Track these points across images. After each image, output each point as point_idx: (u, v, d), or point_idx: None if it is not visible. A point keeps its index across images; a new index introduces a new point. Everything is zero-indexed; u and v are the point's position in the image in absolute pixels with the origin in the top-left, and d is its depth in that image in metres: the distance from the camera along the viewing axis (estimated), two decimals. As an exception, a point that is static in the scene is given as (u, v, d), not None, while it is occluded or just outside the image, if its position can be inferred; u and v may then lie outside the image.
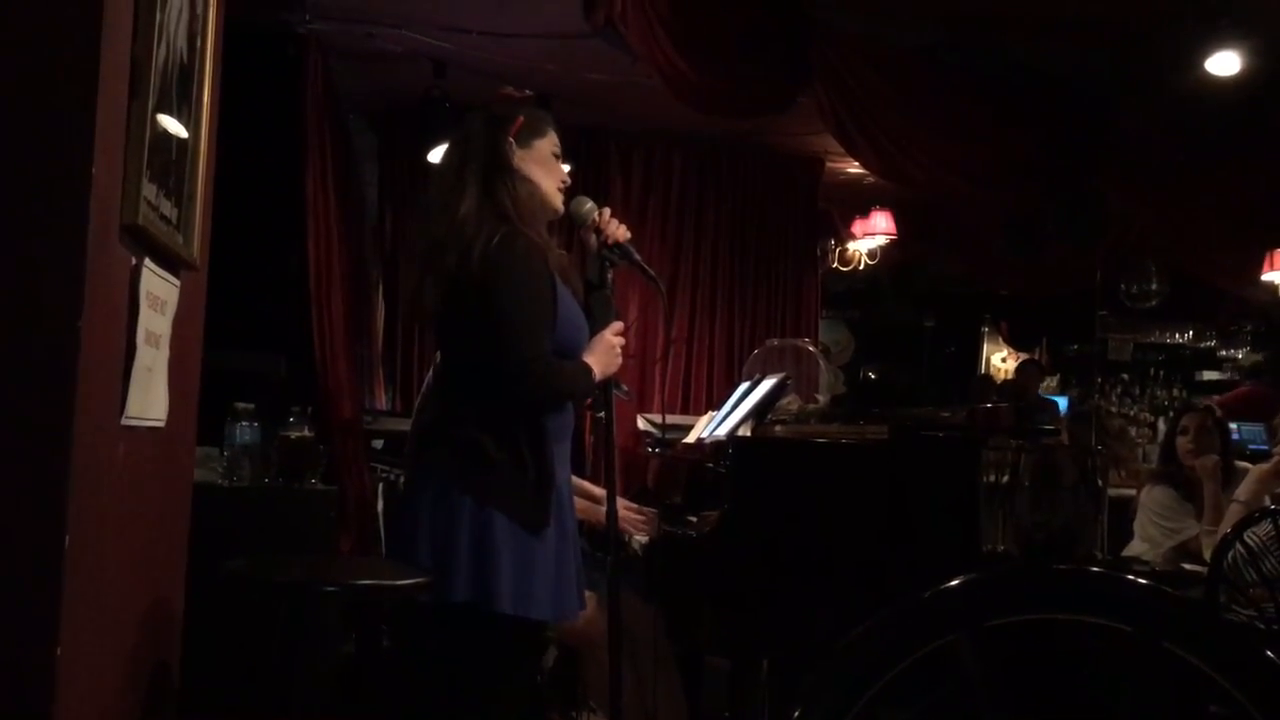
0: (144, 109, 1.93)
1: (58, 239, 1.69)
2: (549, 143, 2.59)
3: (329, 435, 4.45)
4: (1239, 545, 3.58)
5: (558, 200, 2.60)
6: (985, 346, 10.93)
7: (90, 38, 1.72)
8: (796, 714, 1.89)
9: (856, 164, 6.08)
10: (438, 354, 3.24)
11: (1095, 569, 2.74)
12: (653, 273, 2.75)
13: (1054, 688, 2.03)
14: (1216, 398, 7.43)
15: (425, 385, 3.65)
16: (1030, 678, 2.01)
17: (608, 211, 2.65)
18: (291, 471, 3.74)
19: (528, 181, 2.52)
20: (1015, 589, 2.01)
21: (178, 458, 2.55)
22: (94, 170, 1.71)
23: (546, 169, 2.57)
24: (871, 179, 6.43)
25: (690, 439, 3.94)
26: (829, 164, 6.80)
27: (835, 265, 7.70)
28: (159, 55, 1.99)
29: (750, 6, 4.71)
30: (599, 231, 2.62)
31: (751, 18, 4.71)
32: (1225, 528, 3.82)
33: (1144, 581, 2.07)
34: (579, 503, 2.84)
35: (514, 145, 2.52)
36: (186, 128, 2.26)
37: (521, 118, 2.55)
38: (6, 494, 1.67)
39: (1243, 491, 4.09)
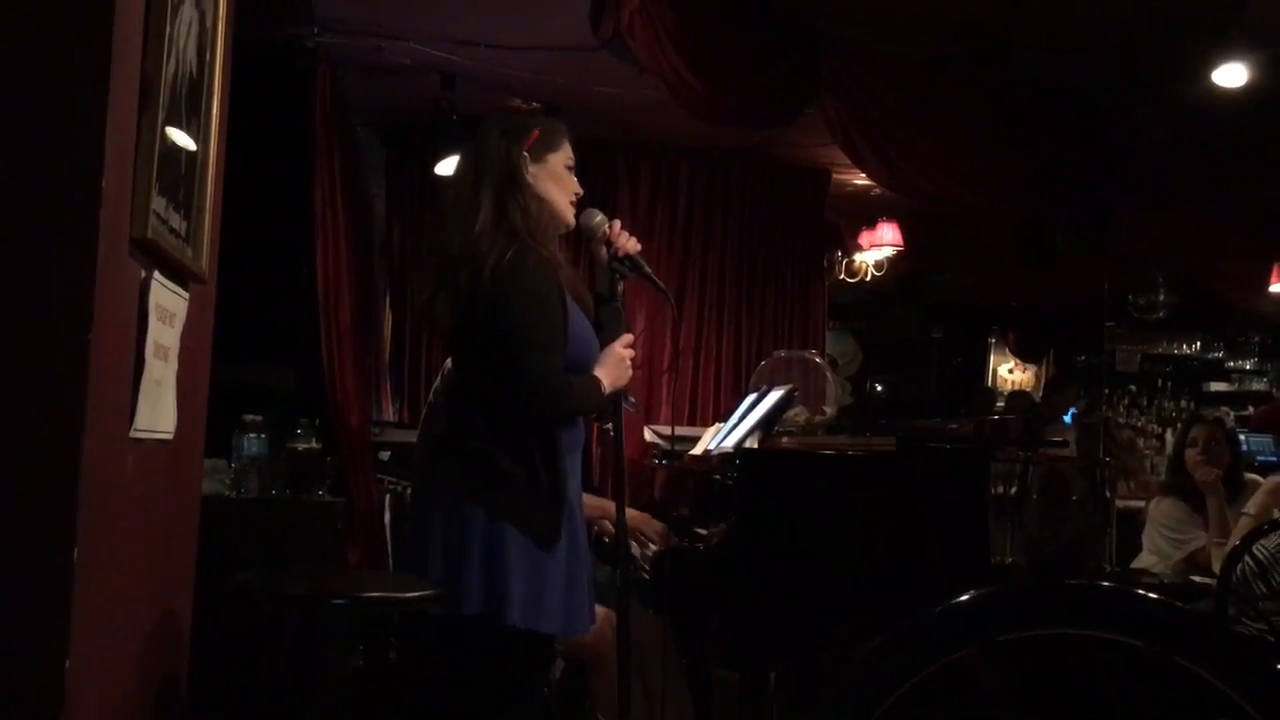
0: (153, 123, 1.94)
1: (68, 252, 1.69)
2: (563, 156, 2.58)
3: (336, 447, 4.45)
4: (1248, 558, 3.56)
5: (569, 214, 2.59)
6: (992, 358, 10.91)
7: (101, 52, 1.72)
8: (809, 728, 1.88)
9: (863, 176, 6.08)
10: (446, 363, 3.24)
11: (1107, 584, 2.73)
12: (662, 285, 2.75)
13: (1066, 702, 2.02)
14: (1252, 410, 7.38)
15: (433, 394, 3.66)
16: (1042, 692, 2.00)
17: (618, 224, 2.64)
18: (299, 483, 3.74)
19: (540, 197, 2.52)
20: (1028, 604, 2.01)
21: (186, 470, 2.56)
22: (104, 184, 1.71)
23: (559, 184, 2.56)
24: (878, 191, 6.43)
25: (697, 451, 3.94)
26: (835, 175, 6.79)
27: (842, 276, 7.70)
28: (168, 69, 1.99)
29: (758, 18, 4.71)
30: (609, 244, 2.62)
31: (759, 30, 4.71)
32: (1235, 540, 3.81)
33: (1155, 596, 2.06)
34: (589, 501, 2.82)
35: (528, 159, 2.51)
36: (195, 141, 2.26)
37: (537, 131, 2.54)
38: (16, 506, 1.67)
39: (1253, 504, 4.08)
